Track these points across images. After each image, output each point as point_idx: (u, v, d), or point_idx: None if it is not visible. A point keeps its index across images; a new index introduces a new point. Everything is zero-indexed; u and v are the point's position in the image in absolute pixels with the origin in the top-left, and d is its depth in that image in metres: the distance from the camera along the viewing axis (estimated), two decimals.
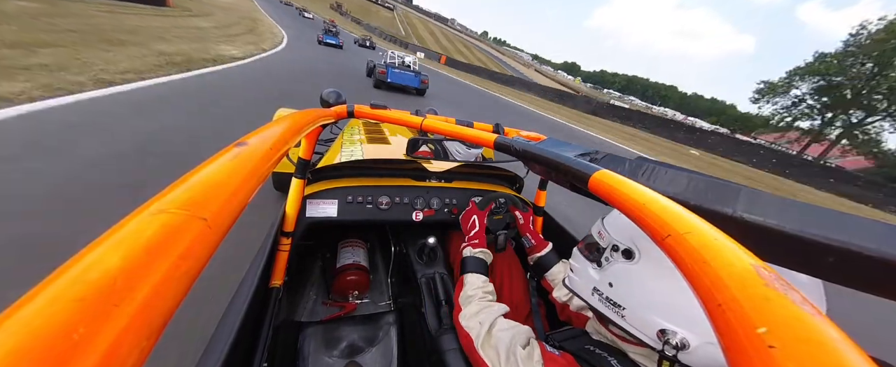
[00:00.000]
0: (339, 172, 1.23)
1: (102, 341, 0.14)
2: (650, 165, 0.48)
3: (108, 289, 0.15)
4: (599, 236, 0.66)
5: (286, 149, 0.40)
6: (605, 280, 0.62)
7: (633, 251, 0.59)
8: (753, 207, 0.37)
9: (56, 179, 2.02)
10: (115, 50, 5.28)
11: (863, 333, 2.32)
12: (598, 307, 0.63)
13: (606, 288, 0.62)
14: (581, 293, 0.68)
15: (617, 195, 0.35)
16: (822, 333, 0.17)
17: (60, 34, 5.29)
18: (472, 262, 0.96)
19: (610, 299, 0.61)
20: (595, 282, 0.64)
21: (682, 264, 0.24)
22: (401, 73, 9.95)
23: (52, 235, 1.59)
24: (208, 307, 0.95)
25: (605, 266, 0.63)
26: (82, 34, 5.65)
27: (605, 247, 0.64)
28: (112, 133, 2.77)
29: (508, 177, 1.44)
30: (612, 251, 0.63)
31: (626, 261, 0.60)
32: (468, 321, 0.80)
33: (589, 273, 0.66)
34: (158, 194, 0.23)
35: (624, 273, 0.60)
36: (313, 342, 1.00)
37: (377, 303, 1.41)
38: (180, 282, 0.19)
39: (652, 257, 0.57)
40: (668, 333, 0.52)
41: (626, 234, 0.61)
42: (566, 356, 0.65)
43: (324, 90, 1.19)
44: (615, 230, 0.64)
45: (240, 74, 6.40)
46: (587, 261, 0.68)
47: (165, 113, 3.49)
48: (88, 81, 3.70)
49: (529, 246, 1.12)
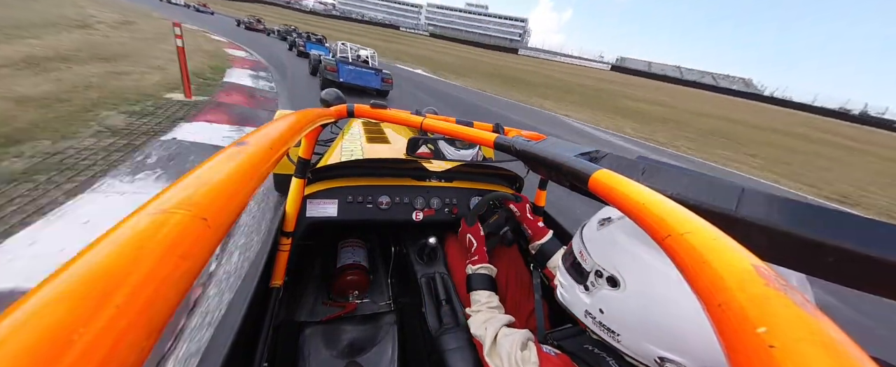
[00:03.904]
0: (339, 171, 1.23)
1: (102, 341, 0.14)
2: (650, 164, 0.48)
3: (108, 289, 0.15)
4: (581, 257, 0.64)
5: (286, 148, 0.40)
6: (596, 306, 0.60)
7: (618, 280, 0.56)
8: (753, 206, 0.37)
9: None
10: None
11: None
12: (593, 328, 0.62)
13: (598, 313, 0.60)
14: (574, 312, 0.66)
15: (616, 195, 0.35)
16: (822, 333, 0.17)
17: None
18: (477, 279, 0.98)
19: (603, 324, 0.59)
20: (586, 305, 0.62)
21: (682, 264, 0.24)
22: (356, 69, 7.78)
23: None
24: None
25: (592, 291, 0.61)
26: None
27: (588, 271, 0.62)
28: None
29: (508, 177, 1.44)
30: (596, 277, 0.60)
31: (612, 289, 0.57)
32: (476, 328, 0.84)
33: (578, 295, 0.64)
34: (158, 193, 0.23)
35: (612, 301, 0.58)
36: (313, 342, 1.00)
37: (377, 303, 1.41)
38: (180, 282, 0.19)
39: (637, 286, 0.55)
40: (666, 361, 0.51)
41: (608, 258, 0.59)
42: (562, 356, 0.66)
43: (323, 91, 1.18)
44: (597, 253, 0.61)
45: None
46: (574, 282, 0.66)
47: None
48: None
49: (529, 236, 1.12)
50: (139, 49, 7.85)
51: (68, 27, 8.58)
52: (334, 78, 7.41)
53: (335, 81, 7.37)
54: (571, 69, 50.44)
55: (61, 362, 0.13)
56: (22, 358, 0.12)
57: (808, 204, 0.36)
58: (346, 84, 7.54)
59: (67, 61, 5.39)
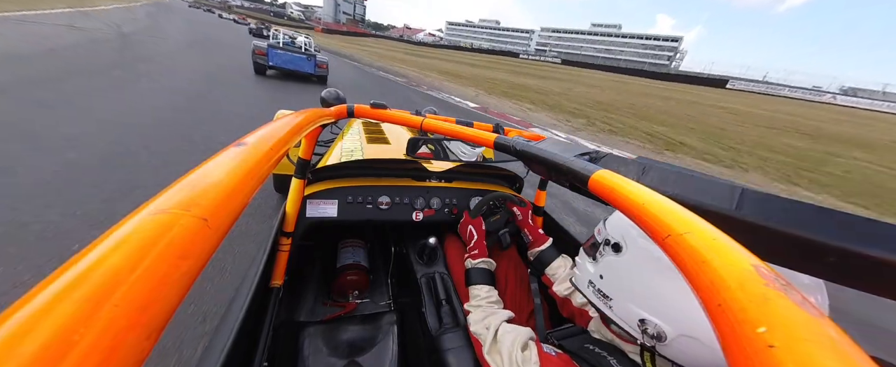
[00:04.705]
0: (339, 172, 1.23)
1: (102, 341, 0.14)
2: (650, 164, 0.48)
3: (108, 289, 0.15)
4: (598, 233, 0.69)
5: (286, 149, 0.40)
6: (598, 273, 0.65)
7: (621, 245, 0.61)
8: (753, 207, 0.37)
9: None
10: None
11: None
12: (591, 298, 0.66)
13: (598, 280, 0.65)
14: (581, 287, 0.71)
15: (616, 195, 0.35)
16: (822, 333, 0.17)
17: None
18: (475, 273, 0.98)
19: (600, 291, 0.64)
20: (590, 275, 0.67)
21: (682, 263, 0.24)
22: (287, 54, 7.91)
23: None
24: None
25: (599, 260, 0.66)
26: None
27: (600, 242, 0.67)
28: None
29: (508, 177, 1.44)
30: (604, 246, 0.65)
31: (615, 254, 0.62)
32: (475, 326, 0.83)
33: (586, 267, 0.69)
34: (158, 193, 0.23)
35: (613, 265, 0.63)
36: (313, 342, 1.00)
37: (377, 303, 1.41)
38: (180, 282, 0.19)
39: (636, 251, 0.59)
40: (646, 322, 0.54)
41: (619, 229, 0.63)
42: (563, 356, 0.66)
43: (324, 90, 1.18)
44: (611, 227, 0.66)
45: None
46: (587, 257, 0.71)
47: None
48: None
49: (529, 241, 1.12)
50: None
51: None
52: (264, 62, 7.77)
53: (266, 65, 7.80)
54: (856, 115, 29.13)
55: (62, 361, 0.13)
56: (22, 358, 0.12)
57: (809, 204, 0.36)
58: (276, 67, 7.93)
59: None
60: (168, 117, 4.04)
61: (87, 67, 5.70)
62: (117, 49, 8.08)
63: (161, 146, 3.18)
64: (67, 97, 4.01)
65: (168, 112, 4.22)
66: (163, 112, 4.17)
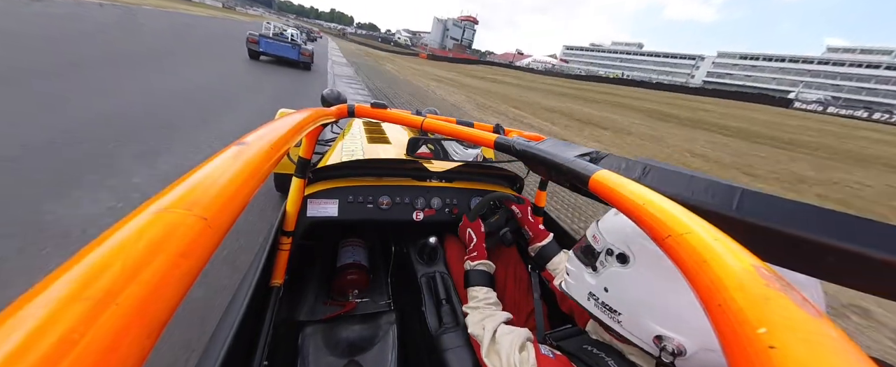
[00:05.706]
0: (339, 171, 1.23)
1: (102, 340, 0.14)
2: (650, 165, 0.48)
3: (109, 288, 0.15)
4: (594, 240, 0.65)
5: (287, 148, 0.40)
6: (601, 285, 0.61)
7: (628, 255, 0.58)
8: (753, 207, 0.37)
9: None
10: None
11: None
12: (594, 312, 0.63)
13: (602, 293, 0.61)
14: (577, 298, 0.67)
15: (616, 196, 0.35)
16: (822, 333, 0.17)
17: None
18: (474, 275, 0.98)
19: (606, 305, 0.60)
20: (591, 287, 0.63)
21: (682, 264, 0.24)
22: (276, 43, 9.90)
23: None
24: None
25: (600, 271, 0.62)
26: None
27: (599, 251, 0.63)
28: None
29: (508, 177, 1.44)
30: (606, 256, 0.61)
31: (621, 265, 0.58)
32: (473, 327, 0.83)
33: (584, 278, 0.65)
34: (158, 193, 0.23)
35: (619, 278, 0.59)
36: (313, 341, 1.00)
37: (377, 302, 1.41)
38: (180, 281, 0.19)
39: (646, 261, 0.55)
40: (664, 339, 0.52)
41: (621, 237, 0.60)
42: (560, 357, 0.66)
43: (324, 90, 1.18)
44: (610, 234, 0.62)
45: None
46: (582, 265, 0.67)
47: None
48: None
49: (529, 238, 1.12)
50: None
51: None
52: (255, 49, 9.77)
53: (258, 51, 9.82)
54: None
55: (62, 360, 0.13)
56: (22, 358, 0.12)
57: (809, 205, 0.36)
58: (266, 54, 9.97)
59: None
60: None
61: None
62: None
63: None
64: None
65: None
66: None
